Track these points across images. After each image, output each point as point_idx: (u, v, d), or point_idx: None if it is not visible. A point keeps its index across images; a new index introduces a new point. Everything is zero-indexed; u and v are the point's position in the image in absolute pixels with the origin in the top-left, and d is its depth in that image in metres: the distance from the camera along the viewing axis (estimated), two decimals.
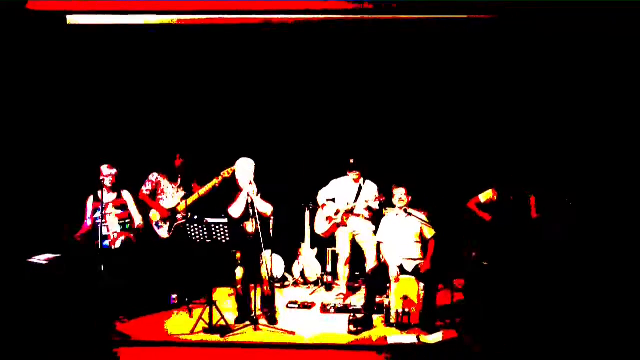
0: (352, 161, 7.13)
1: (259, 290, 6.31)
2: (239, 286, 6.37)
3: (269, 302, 6.41)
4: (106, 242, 6.51)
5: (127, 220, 6.70)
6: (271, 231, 6.53)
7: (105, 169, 6.58)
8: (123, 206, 6.70)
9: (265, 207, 6.32)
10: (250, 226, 6.29)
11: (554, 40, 7.09)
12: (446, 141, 7.85)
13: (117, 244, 6.59)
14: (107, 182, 6.55)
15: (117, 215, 6.63)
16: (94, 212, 6.57)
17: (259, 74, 7.78)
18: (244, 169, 6.32)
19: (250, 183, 6.25)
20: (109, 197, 6.64)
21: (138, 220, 6.77)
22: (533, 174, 6.87)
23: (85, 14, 6.59)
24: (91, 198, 6.63)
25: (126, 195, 6.76)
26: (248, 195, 6.24)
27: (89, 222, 6.57)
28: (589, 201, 7.06)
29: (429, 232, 6.53)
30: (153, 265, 7.02)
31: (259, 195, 6.32)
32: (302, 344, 5.88)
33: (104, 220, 6.42)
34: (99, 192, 6.42)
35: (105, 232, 6.49)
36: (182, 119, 7.84)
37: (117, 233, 6.61)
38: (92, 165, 6.65)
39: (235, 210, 6.29)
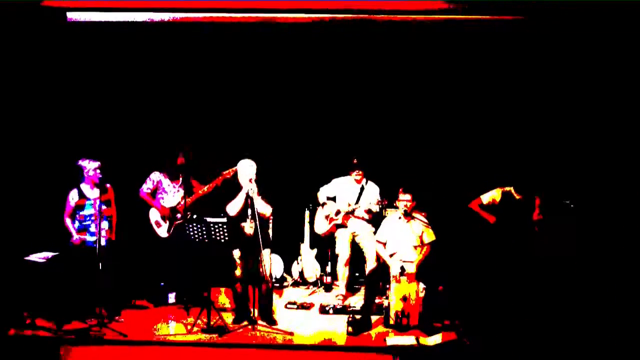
0: (355, 161, 7.10)
1: (257, 290, 6.29)
2: (237, 284, 6.35)
3: (267, 302, 6.39)
4: (92, 239, 6.29)
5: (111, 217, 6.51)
6: (270, 231, 6.51)
7: (89, 163, 6.34)
8: (108, 202, 6.47)
9: (264, 208, 6.30)
10: (248, 227, 6.26)
11: (559, 41, 7.08)
12: (448, 142, 7.82)
13: (103, 242, 6.33)
14: (94, 176, 6.31)
15: (104, 212, 6.37)
16: (80, 208, 6.35)
17: (261, 72, 7.75)
18: (245, 170, 6.30)
19: (251, 181, 6.23)
20: (93, 192, 6.39)
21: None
22: (537, 176, 6.84)
23: (85, 11, 6.56)
24: (74, 193, 6.36)
25: (110, 189, 6.48)
26: (247, 194, 6.22)
27: (76, 227, 6.38)
28: (593, 204, 7.06)
29: (429, 237, 6.50)
30: (151, 264, 7.02)
31: (260, 196, 6.29)
32: (301, 345, 5.85)
33: (97, 218, 6.24)
34: (86, 187, 6.32)
35: (93, 230, 6.29)
36: (184, 118, 7.82)
37: (106, 230, 6.40)
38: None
39: (233, 208, 6.26)
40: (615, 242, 6.82)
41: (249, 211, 6.23)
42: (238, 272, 6.34)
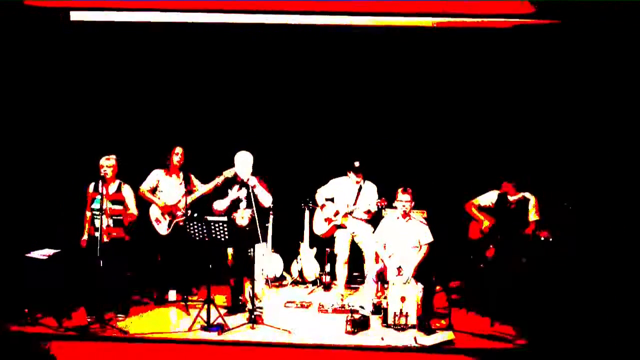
0: (357, 164, 7.05)
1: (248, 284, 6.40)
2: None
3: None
4: (96, 234, 6.20)
5: (120, 217, 6.41)
6: (270, 226, 6.53)
7: (103, 160, 6.32)
8: (119, 202, 6.41)
9: (265, 197, 6.35)
10: (239, 218, 6.31)
11: (551, 44, 7.13)
12: (448, 142, 7.85)
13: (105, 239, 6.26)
14: (109, 173, 6.29)
15: (111, 210, 6.34)
16: (91, 201, 6.33)
17: (262, 72, 7.79)
18: (245, 161, 6.36)
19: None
20: (104, 189, 6.29)
21: (134, 211, 6.46)
22: (534, 176, 6.87)
23: (88, 11, 6.60)
24: (91, 186, 6.34)
25: (126, 190, 6.44)
26: (252, 187, 6.26)
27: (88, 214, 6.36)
28: (591, 204, 7.09)
29: (427, 238, 6.53)
30: (151, 262, 7.05)
31: (260, 182, 6.35)
32: (300, 344, 5.88)
33: (101, 214, 6.20)
34: (100, 183, 6.24)
35: (97, 225, 6.20)
36: (185, 116, 7.85)
37: (109, 228, 6.34)
38: (93, 160, 6.61)
39: (220, 204, 6.37)
40: (614, 242, 6.85)
41: (244, 203, 6.31)
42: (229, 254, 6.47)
